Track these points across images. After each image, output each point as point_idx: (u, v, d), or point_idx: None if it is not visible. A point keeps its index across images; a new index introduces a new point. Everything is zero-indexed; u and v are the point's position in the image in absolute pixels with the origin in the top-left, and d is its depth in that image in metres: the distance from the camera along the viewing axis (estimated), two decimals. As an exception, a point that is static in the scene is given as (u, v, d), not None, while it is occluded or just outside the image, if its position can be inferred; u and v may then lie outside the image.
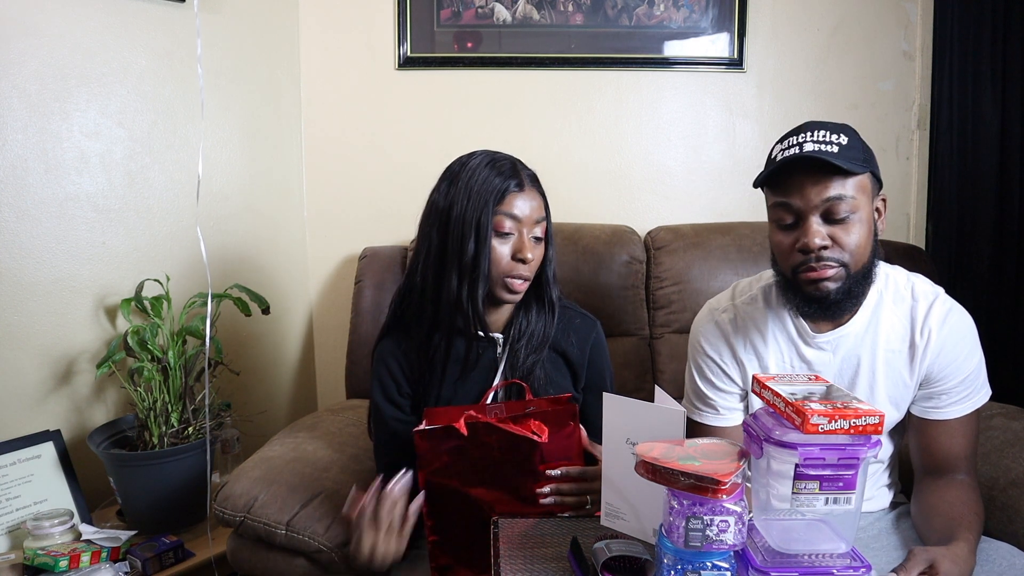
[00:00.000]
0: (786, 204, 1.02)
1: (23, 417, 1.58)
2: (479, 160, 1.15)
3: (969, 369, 1.08)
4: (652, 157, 2.06)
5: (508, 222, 1.12)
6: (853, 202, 0.99)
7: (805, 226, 1.00)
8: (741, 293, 1.20)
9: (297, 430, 1.57)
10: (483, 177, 1.12)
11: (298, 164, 2.08)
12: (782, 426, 0.78)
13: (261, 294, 1.72)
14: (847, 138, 1.01)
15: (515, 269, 1.13)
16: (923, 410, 1.10)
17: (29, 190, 1.56)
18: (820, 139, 1.00)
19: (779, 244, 1.05)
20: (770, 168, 1.03)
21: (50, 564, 1.35)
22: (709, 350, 1.17)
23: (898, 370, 1.09)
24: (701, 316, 1.22)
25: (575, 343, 1.24)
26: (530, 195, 1.14)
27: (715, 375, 1.17)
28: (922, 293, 1.10)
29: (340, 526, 1.27)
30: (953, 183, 1.95)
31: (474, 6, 1.99)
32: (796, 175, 1.00)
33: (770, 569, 0.77)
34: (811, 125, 1.04)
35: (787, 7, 2.00)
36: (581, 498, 1.05)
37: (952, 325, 1.08)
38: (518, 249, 1.12)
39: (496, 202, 1.11)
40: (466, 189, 1.12)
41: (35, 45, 1.55)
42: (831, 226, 1.00)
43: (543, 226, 1.17)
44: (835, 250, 1.01)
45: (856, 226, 1.00)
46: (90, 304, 1.67)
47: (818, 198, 0.99)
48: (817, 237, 0.99)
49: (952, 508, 1.02)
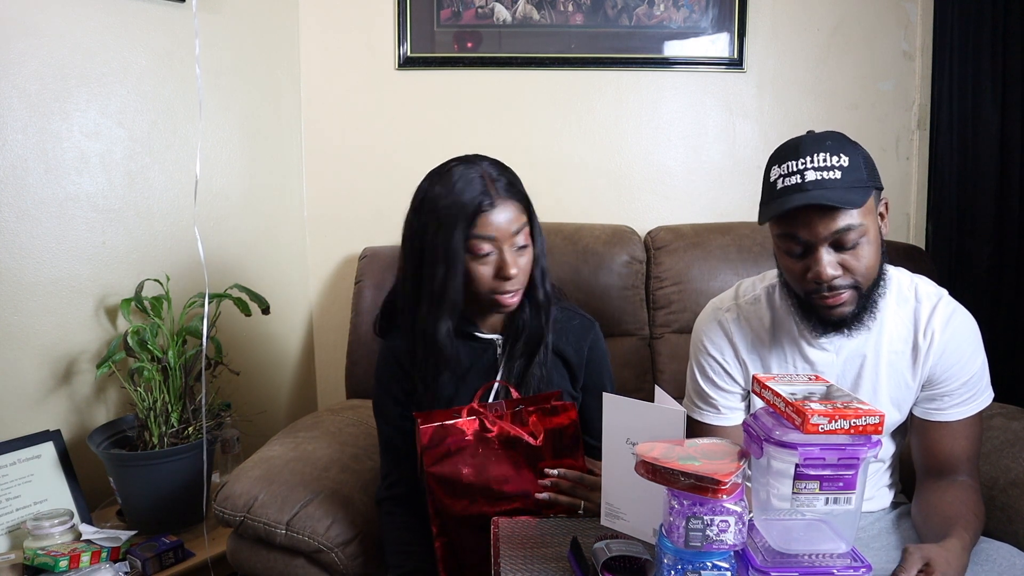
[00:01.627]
0: (793, 236, 1.00)
1: (23, 417, 1.58)
2: (446, 178, 1.10)
3: (972, 371, 1.07)
4: (652, 157, 2.06)
5: (486, 245, 1.07)
6: (861, 228, 0.97)
7: (815, 257, 0.98)
8: (744, 293, 1.19)
9: (297, 430, 1.57)
10: (450, 200, 1.07)
11: (298, 164, 2.08)
12: (782, 426, 0.78)
13: (261, 294, 1.72)
14: (848, 158, 0.97)
15: (500, 287, 1.09)
16: (925, 411, 1.10)
17: (29, 190, 1.56)
18: (821, 165, 0.96)
19: (789, 270, 1.04)
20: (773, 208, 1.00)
21: (50, 564, 1.35)
22: (712, 349, 1.17)
23: (901, 371, 1.09)
24: (704, 315, 1.21)
25: (573, 344, 1.24)
26: (504, 207, 1.08)
27: (717, 375, 1.17)
28: (926, 295, 1.09)
29: (340, 526, 1.27)
30: (953, 183, 1.95)
31: (474, 6, 1.99)
32: (801, 212, 0.97)
33: (770, 569, 0.78)
34: (810, 146, 0.99)
35: (787, 7, 2.00)
36: (575, 501, 1.05)
37: (956, 327, 1.07)
38: (500, 268, 1.08)
39: (468, 225, 1.06)
40: (434, 215, 1.08)
41: (35, 45, 1.55)
42: (841, 254, 0.98)
43: (525, 232, 1.11)
44: (846, 277, 0.99)
45: (867, 248, 0.99)
46: (90, 304, 1.67)
47: (826, 231, 0.96)
48: (829, 267, 0.97)
49: (950, 507, 1.02)
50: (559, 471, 1.06)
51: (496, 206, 1.07)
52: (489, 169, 1.11)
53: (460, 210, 1.06)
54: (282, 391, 2.09)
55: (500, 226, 1.07)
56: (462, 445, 1.06)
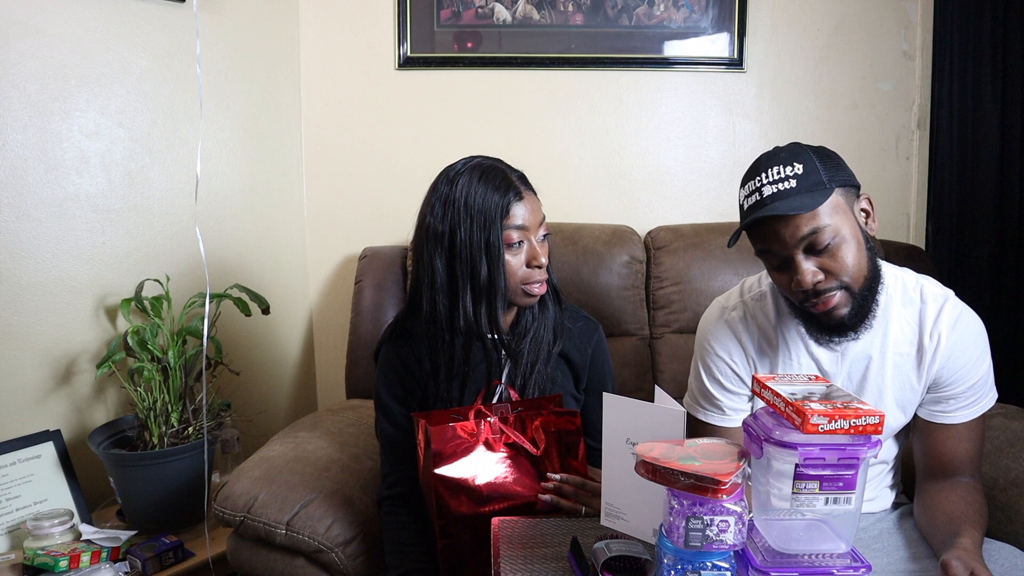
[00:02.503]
0: (767, 251, 1.02)
1: (23, 417, 1.58)
2: (468, 176, 1.12)
3: (979, 374, 1.07)
4: (652, 157, 2.06)
5: (516, 234, 1.12)
6: (831, 229, 0.98)
7: (794, 266, 1.00)
8: (750, 289, 1.18)
9: (297, 430, 1.57)
10: (480, 195, 1.11)
11: (298, 164, 2.08)
12: (782, 426, 0.78)
13: (261, 294, 1.72)
14: (801, 165, 0.98)
15: (531, 276, 1.14)
16: (930, 414, 1.09)
17: (29, 190, 1.56)
18: (776, 178, 0.98)
19: (778, 281, 1.05)
20: (739, 228, 1.03)
21: (50, 564, 1.35)
22: (719, 350, 1.15)
23: (906, 373, 1.08)
24: (710, 314, 1.19)
25: (577, 346, 1.24)
26: (528, 199, 1.14)
27: (725, 376, 1.15)
28: (931, 296, 1.08)
29: (340, 526, 1.27)
30: (953, 183, 1.95)
31: (474, 6, 1.99)
32: (765, 225, 1.00)
33: (770, 569, 0.78)
34: (765, 162, 1.01)
35: (787, 7, 2.00)
36: (576, 505, 1.05)
37: (963, 330, 1.06)
38: (532, 257, 1.13)
39: (502, 218, 1.11)
40: (466, 211, 1.11)
41: (35, 45, 1.55)
42: (819, 257, 0.99)
43: (545, 223, 1.17)
44: (830, 280, 1.00)
45: (843, 247, 0.99)
46: (90, 304, 1.67)
47: (794, 239, 0.98)
48: (808, 275, 0.98)
49: (956, 506, 1.02)
50: (561, 476, 1.06)
51: (524, 197, 1.13)
52: (504, 165, 1.16)
53: (494, 204, 1.10)
54: (282, 391, 2.09)
55: (528, 216, 1.13)
56: (465, 447, 1.06)
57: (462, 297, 1.12)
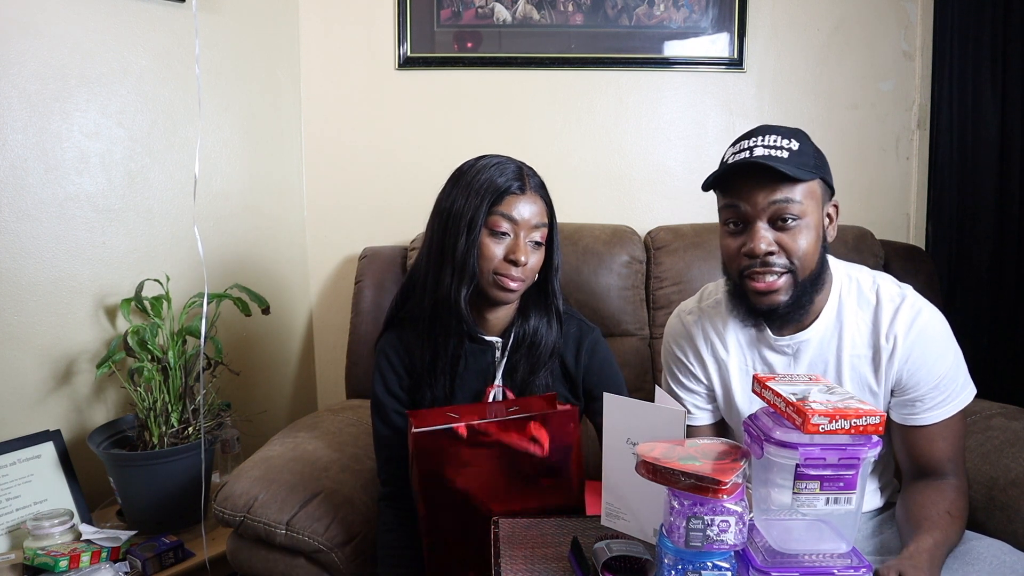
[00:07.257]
0: (734, 206, 1.02)
1: (23, 417, 1.58)
2: (487, 162, 1.16)
3: (941, 373, 1.05)
4: (652, 157, 2.06)
5: (504, 223, 1.12)
6: (800, 207, 0.99)
7: (752, 231, 1.00)
8: (708, 296, 1.21)
9: (297, 430, 1.57)
10: (485, 177, 1.13)
11: (298, 164, 2.08)
12: (782, 426, 0.78)
13: (261, 294, 1.72)
14: (798, 144, 1.00)
15: (506, 269, 1.13)
16: (901, 416, 1.08)
17: (29, 190, 1.56)
18: (771, 144, 1.00)
19: (727, 248, 1.06)
20: (718, 171, 1.03)
21: (50, 564, 1.35)
22: (676, 350, 1.20)
23: (863, 375, 1.08)
24: (672, 318, 1.24)
25: (570, 351, 1.24)
26: (531, 200, 1.14)
27: (683, 375, 1.20)
28: (887, 296, 1.07)
29: (340, 526, 1.27)
30: (953, 183, 1.95)
31: (474, 6, 1.99)
32: (744, 179, 1.00)
33: (770, 569, 0.77)
34: (764, 129, 1.03)
35: (787, 7, 2.00)
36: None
37: (920, 329, 1.05)
38: (512, 251, 1.12)
39: (493, 202, 1.12)
40: (467, 188, 1.13)
41: (35, 45, 1.55)
42: (778, 232, 1.00)
43: (543, 232, 1.16)
44: (781, 256, 1.00)
45: (803, 232, 1.00)
46: (90, 304, 1.67)
47: (765, 201, 0.99)
48: (763, 242, 0.99)
49: (920, 509, 1.01)
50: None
51: (525, 194, 1.14)
52: (527, 167, 1.18)
53: (491, 185, 1.12)
54: (282, 391, 2.09)
55: (523, 213, 1.13)
56: (456, 450, 1.04)
57: (445, 267, 1.14)
